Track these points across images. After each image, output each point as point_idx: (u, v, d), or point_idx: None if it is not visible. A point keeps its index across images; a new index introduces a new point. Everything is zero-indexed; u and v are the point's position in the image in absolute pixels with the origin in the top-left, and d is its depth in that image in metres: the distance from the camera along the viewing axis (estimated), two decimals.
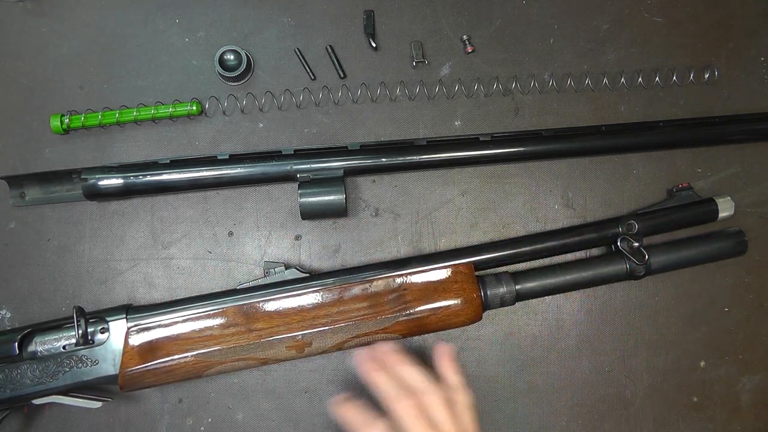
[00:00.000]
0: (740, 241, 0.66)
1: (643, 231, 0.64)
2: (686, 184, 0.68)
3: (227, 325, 0.58)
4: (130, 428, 0.65)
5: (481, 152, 0.66)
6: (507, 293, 0.60)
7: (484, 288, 0.60)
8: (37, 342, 0.57)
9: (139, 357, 0.56)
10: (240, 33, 0.70)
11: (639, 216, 0.65)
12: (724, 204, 0.67)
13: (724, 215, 0.67)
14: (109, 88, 0.69)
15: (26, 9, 0.70)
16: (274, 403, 0.66)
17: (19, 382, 0.56)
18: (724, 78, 0.72)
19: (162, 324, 0.57)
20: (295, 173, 0.64)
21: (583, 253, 0.68)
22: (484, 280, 0.61)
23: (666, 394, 0.68)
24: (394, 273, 0.60)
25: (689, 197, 0.67)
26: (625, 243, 0.63)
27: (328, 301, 0.58)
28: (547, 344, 0.68)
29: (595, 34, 0.72)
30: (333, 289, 0.59)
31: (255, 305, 0.58)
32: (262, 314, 0.58)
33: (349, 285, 0.59)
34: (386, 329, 0.58)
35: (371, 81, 0.69)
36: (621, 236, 0.64)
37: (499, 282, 0.60)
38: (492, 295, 0.60)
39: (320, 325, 0.58)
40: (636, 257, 0.63)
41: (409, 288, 0.59)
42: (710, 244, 0.65)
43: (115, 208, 0.67)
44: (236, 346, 0.57)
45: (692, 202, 0.67)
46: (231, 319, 0.58)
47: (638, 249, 0.63)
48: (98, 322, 0.58)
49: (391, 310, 0.58)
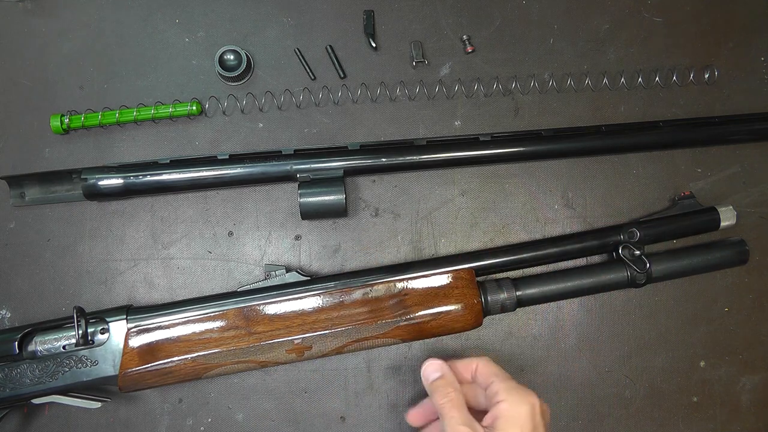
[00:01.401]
0: (742, 250, 0.66)
1: (645, 239, 0.64)
2: (688, 192, 0.68)
3: (227, 328, 0.58)
4: (130, 428, 0.65)
5: (481, 152, 0.66)
6: (508, 299, 0.60)
7: (484, 294, 0.60)
8: (37, 342, 0.57)
9: (139, 358, 0.56)
10: (240, 33, 0.70)
11: (641, 224, 0.65)
12: (725, 213, 0.67)
13: (726, 224, 0.67)
14: (109, 88, 0.69)
15: (26, 9, 0.70)
16: (274, 403, 0.66)
17: (18, 381, 0.56)
18: (724, 78, 0.72)
19: (162, 325, 0.57)
20: (295, 173, 0.64)
21: (583, 260, 0.68)
22: (485, 285, 0.60)
23: (666, 394, 0.68)
24: (395, 278, 0.60)
25: (691, 206, 0.67)
26: (627, 251, 0.63)
27: (328, 305, 0.58)
28: (547, 344, 0.68)
29: (595, 34, 0.72)
30: (334, 293, 0.59)
31: (256, 308, 0.58)
32: (263, 317, 0.58)
33: (350, 289, 0.59)
34: (386, 334, 0.58)
35: (371, 81, 0.69)
36: (622, 244, 0.64)
37: (500, 288, 0.60)
38: (492, 301, 0.60)
39: (321, 328, 0.58)
40: (637, 265, 0.62)
41: (409, 293, 0.59)
42: (711, 254, 0.65)
43: (115, 208, 0.67)
44: (236, 349, 0.57)
45: (694, 211, 0.67)
46: (231, 322, 0.58)
47: (639, 257, 0.63)
48: (98, 322, 0.58)
49: (392, 315, 0.58)
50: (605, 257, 0.68)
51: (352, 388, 0.66)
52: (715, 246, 0.66)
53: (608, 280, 0.63)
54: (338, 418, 0.66)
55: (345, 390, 0.66)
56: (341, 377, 0.66)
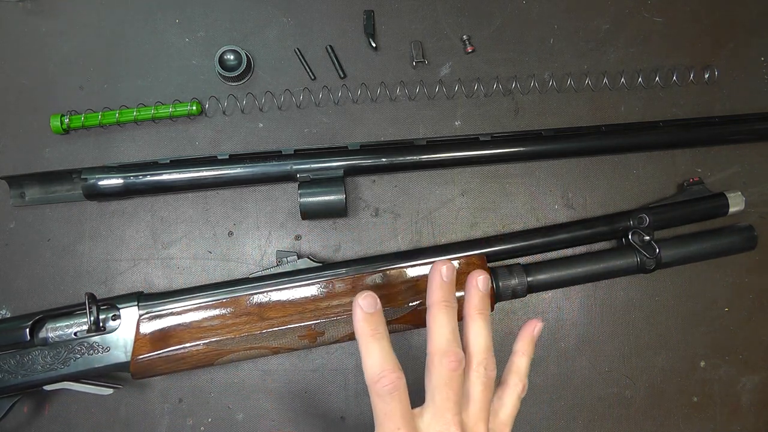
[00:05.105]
0: (750, 236, 0.66)
1: (654, 225, 0.64)
2: (697, 178, 0.69)
3: (240, 314, 0.57)
4: (130, 428, 0.65)
5: (481, 152, 0.66)
6: (519, 285, 0.60)
7: (496, 279, 0.60)
8: (49, 328, 0.57)
9: (151, 344, 0.56)
10: (240, 33, 0.70)
11: (650, 209, 0.65)
12: (734, 199, 0.67)
13: (735, 210, 0.67)
14: (109, 88, 0.69)
15: (26, 9, 0.70)
16: (274, 403, 0.66)
17: (30, 368, 0.56)
18: (724, 78, 0.72)
19: (174, 312, 0.57)
20: (295, 173, 0.64)
21: (590, 247, 0.68)
22: (496, 271, 0.61)
23: (666, 394, 0.68)
24: (407, 263, 0.59)
25: (700, 192, 0.68)
26: (636, 236, 0.63)
27: (341, 290, 0.58)
28: (547, 344, 0.68)
29: (595, 34, 0.72)
30: (346, 279, 0.59)
31: (268, 294, 0.58)
32: (275, 303, 0.58)
33: (362, 275, 0.59)
34: (399, 319, 0.58)
35: (371, 81, 0.69)
36: (632, 230, 0.64)
37: (511, 274, 0.60)
38: (504, 287, 0.60)
39: (333, 314, 0.58)
40: (647, 251, 0.63)
41: (421, 279, 0.59)
42: (720, 239, 0.66)
43: (115, 208, 0.67)
44: (249, 335, 0.57)
45: (703, 197, 0.67)
46: (244, 308, 0.58)
47: (649, 242, 0.63)
48: (110, 309, 0.58)
49: (404, 301, 0.58)
50: (614, 243, 0.68)
51: (352, 388, 0.66)
52: (723, 232, 0.66)
53: (618, 266, 0.63)
54: (338, 418, 0.66)
55: (345, 390, 0.66)
56: (341, 377, 0.66)
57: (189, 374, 0.65)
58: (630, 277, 0.68)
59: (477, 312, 0.48)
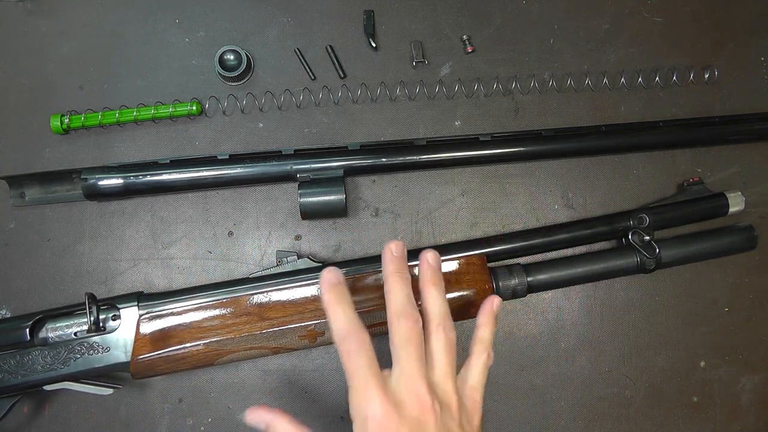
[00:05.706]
0: (750, 236, 0.66)
1: (654, 225, 0.64)
2: (697, 178, 0.69)
3: (240, 314, 0.58)
4: (129, 428, 0.65)
5: (481, 152, 0.66)
6: (519, 285, 0.60)
7: (496, 279, 0.60)
8: (49, 328, 0.57)
9: (151, 344, 0.56)
10: (240, 33, 0.70)
11: (650, 209, 0.66)
12: (734, 199, 0.67)
13: (735, 210, 0.67)
14: (109, 88, 0.69)
15: (26, 9, 0.70)
16: (274, 403, 0.65)
17: (30, 368, 0.56)
18: (724, 78, 0.72)
19: (174, 312, 0.57)
20: (295, 173, 0.64)
21: (590, 247, 0.68)
22: (496, 271, 0.61)
23: (666, 394, 0.68)
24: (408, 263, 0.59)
25: (700, 192, 0.68)
26: (636, 236, 0.64)
27: None
28: (547, 344, 0.68)
29: (595, 34, 0.72)
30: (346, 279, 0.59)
31: (268, 294, 0.58)
32: (275, 303, 0.58)
33: (363, 275, 0.59)
34: None
35: (371, 81, 0.69)
36: (632, 229, 0.64)
37: (511, 274, 0.60)
38: (504, 287, 0.60)
39: None
40: (647, 251, 0.63)
41: None
42: (720, 239, 0.66)
43: (115, 208, 0.67)
44: (249, 335, 0.57)
45: (703, 197, 0.68)
46: (244, 308, 0.58)
47: (649, 242, 0.63)
48: (110, 309, 0.58)
49: None
50: (614, 243, 0.68)
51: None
52: (723, 232, 0.66)
53: (618, 266, 0.63)
54: (338, 418, 0.66)
55: (345, 390, 0.66)
56: (341, 377, 0.66)
57: (189, 374, 0.65)
58: (630, 277, 0.68)
59: (431, 283, 0.50)
